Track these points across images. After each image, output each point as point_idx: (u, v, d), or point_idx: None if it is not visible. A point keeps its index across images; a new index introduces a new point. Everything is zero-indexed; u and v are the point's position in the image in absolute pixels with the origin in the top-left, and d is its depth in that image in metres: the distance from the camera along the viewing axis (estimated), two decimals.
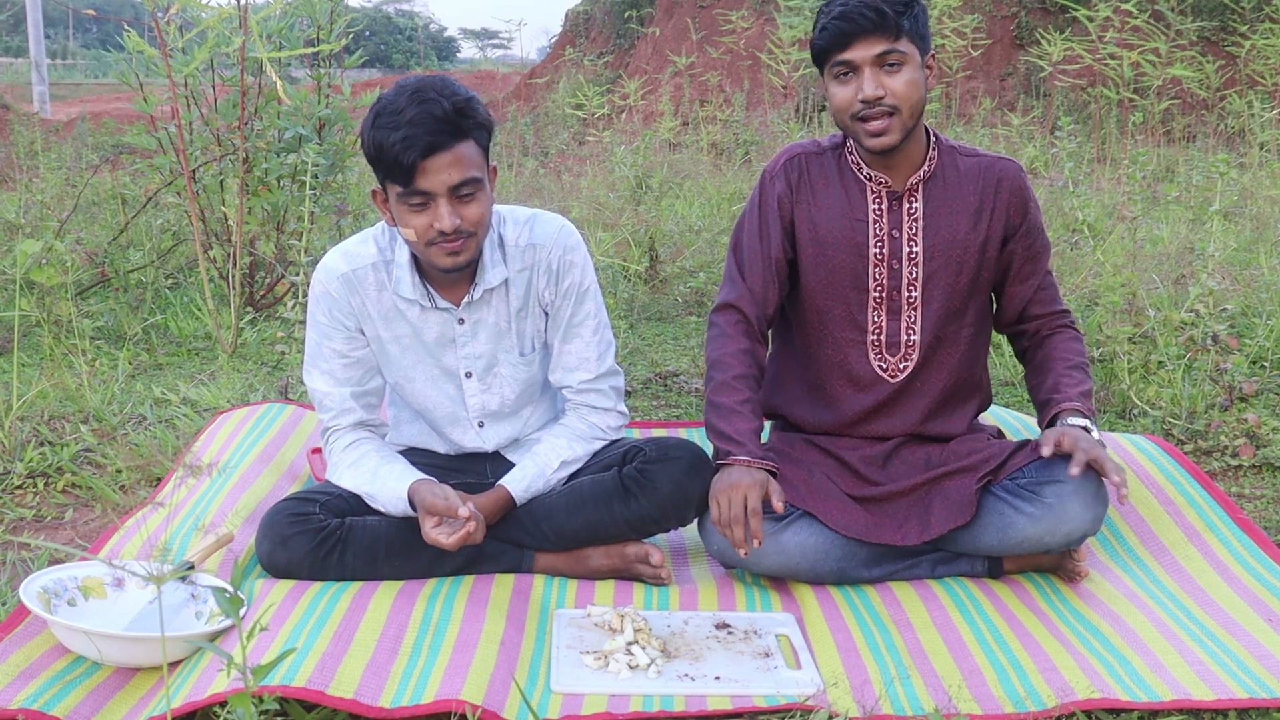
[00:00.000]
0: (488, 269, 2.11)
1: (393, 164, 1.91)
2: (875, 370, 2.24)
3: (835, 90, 2.10)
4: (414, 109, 1.89)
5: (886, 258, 2.19)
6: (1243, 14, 10.62)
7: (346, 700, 1.62)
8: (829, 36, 2.05)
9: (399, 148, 1.88)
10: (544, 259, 2.15)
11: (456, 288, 2.13)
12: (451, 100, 1.91)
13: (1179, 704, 1.70)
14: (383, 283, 2.12)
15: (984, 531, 2.10)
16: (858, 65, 2.05)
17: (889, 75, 2.04)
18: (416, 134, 1.88)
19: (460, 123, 1.92)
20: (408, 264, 2.10)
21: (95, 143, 8.34)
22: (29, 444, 2.77)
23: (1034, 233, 2.21)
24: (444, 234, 1.95)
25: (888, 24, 2.02)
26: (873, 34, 2.02)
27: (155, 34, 3.88)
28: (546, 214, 2.19)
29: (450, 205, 1.94)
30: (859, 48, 2.04)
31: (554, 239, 2.15)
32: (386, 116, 1.91)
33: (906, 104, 2.05)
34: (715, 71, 12.27)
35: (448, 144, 1.90)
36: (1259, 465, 2.80)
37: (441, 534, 1.98)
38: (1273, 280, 4.35)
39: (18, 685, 1.69)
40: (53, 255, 3.81)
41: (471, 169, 1.94)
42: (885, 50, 2.03)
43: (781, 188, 2.23)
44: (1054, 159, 7.26)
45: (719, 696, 1.74)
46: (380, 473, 2.09)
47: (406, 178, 1.92)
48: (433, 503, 1.98)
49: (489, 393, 2.22)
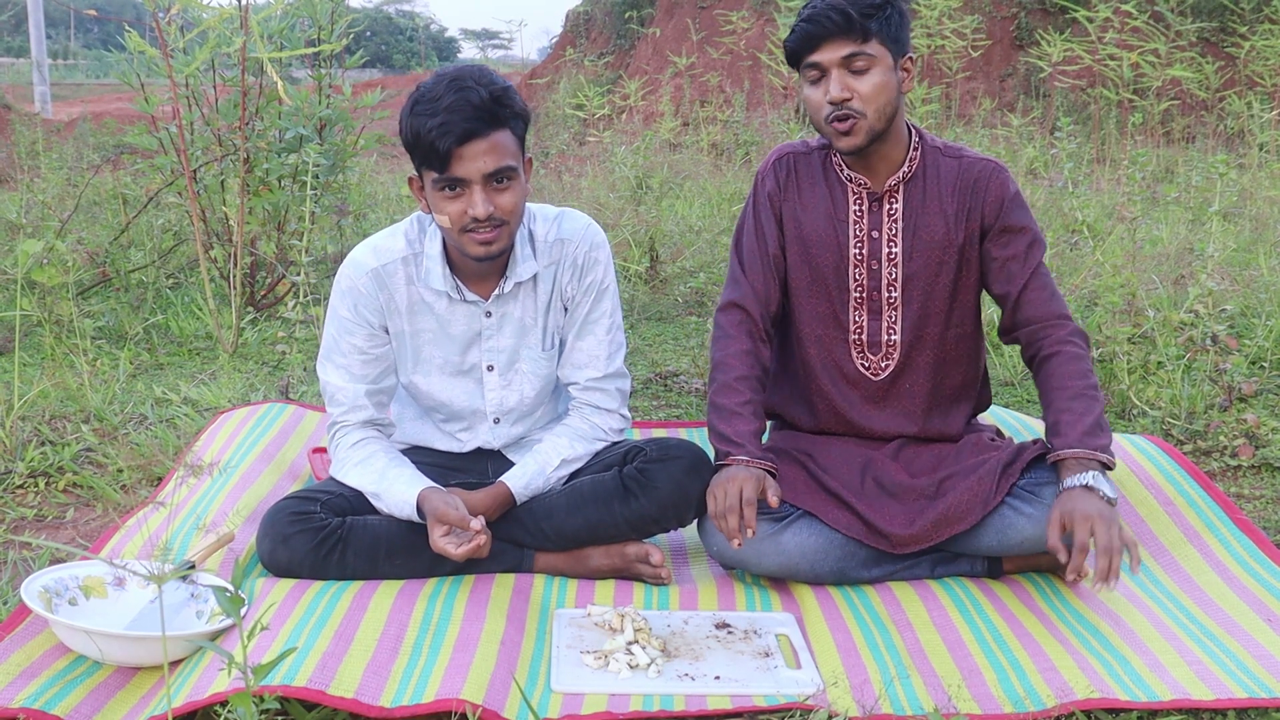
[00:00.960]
0: (519, 262, 2.12)
1: (429, 150, 1.92)
2: (859, 369, 2.25)
3: (808, 92, 2.11)
4: (451, 96, 1.91)
5: (866, 258, 2.20)
6: (1242, 15, 10.62)
7: (347, 700, 1.62)
8: (797, 39, 2.07)
9: (435, 134, 1.90)
10: (570, 254, 2.17)
11: (485, 281, 2.14)
12: (489, 89, 1.93)
13: (1178, 704, 1.70)
14: (411, 276, 2.14)
15: (983, 532, 2.10)
16: (825, 67, 2.06)
17: (855, 78, 2.05)
18: (453, 120, 1.90)
19: (497, 111, 1.93)
20: (439, 255, 2.11)
21: (96, 143, 8.34)
22: (30, 443, 2.77)
23: (1011, 231, 2.17)
24: (478, 221, 1.96)
25: (854, 27, 2.02)
26: (839, 36, 2.03)
27: (156, 34, 3.89)
28: (574, 211, 2.22)
29: (485, 193, 1.95)
30: (826, 50, 2.05)
31: (581, 235, 2.18)
32: (424, 104, 1.93)
33: (872, 106, 2.06)
34: (715, 72, 12.27)
35: (484, 131, 1.92)
36: (1258, 465, 2.80)
37: (450, 544, 1.98)
38: (1272, 281, 4.36)
39: (19, 684, 1.69)
40: (54, 255, 3.81)
41: (507, 157, 1.96)
42: (852, 53, 2.04)
43: (771, 185, 2.25)
44: (1054, 160, 7.26)
45: (719, 696, 1.74)
46: (389, 474, 2.09)
47: (442, 164, 1.93)
48: (445, 512, 1.98)
49: (509, 388, 2.23)
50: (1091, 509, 1.92)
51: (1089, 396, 2.07)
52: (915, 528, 2.10)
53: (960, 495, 2.10)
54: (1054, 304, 2.17)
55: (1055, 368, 2.12)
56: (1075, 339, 2.14)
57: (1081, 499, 1.94)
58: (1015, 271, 2.18)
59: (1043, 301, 2.17)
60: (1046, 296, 2.17)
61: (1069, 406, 2.06)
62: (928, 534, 2.10)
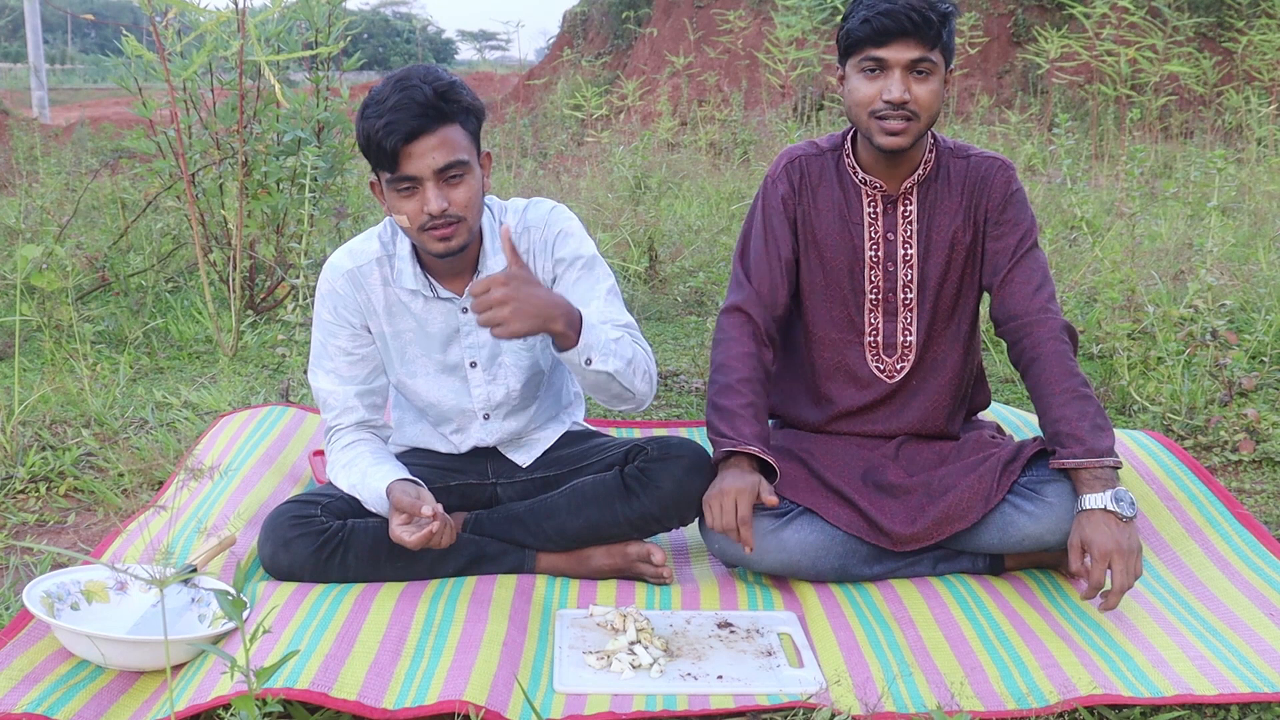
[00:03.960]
0: (489, 256, 2.12)
1: (379, 150, 1.94)
2: (873, 371, 2.25)
3: (859, 83, 2.08)
4: (396, 95, 1.92)
5: (882, 260, 2.20)
6: (1239, 10, 10.62)
7: (350, 702, 1.62)
8: (869, 30, 2.03)
9: (382, 134, 1.92)
10: (538, 238, 2.16)
11: (459, 278, 2.14)
12: (433, 85, 1.94)
13: (1181, 699, 1.70)
14: (387, 277, 2.14)
15: (985, 530, 2.10)
16: (890, 65, 2.03)
17: (918, 82, 2.04)
18: (399, 119, 1.91)
19: (443, 107, 1.94)
20: (409, 255, 2.11)
21: (95, 147, 8.34)
22: (31, 448, 2.78)
23: (1005, 224, 2.17)
24: (433, 217, 1.96)
25: (929, 31, 2.01)
26: (912, 37, 2.01)
27: (154, 38, 3.89)
28: (540, 199, 2.21)
29: (437, 188, 1.95)
30: (895, 48, 2.02)
31: (545, 219, 2.16)
32: (372, 106, 1.95)
33: (927, 113, 2.06)
34: (713, 71, 12.28)
35: (430, 128, 1.93)
36: (1259, 460, 2.80)
37: (406, 532, 1.96)
38: (1271, 275, 4.36)
39: (22, 689, 1.69)
40: (53, 260, 3.81)
41: (458, 151, 1.96)
42: (920, 57, 2.02)
43: (785, 189, 2.23)
44: (1052, 156, 7.26)
45: (722, 695, 1.74)
46: (369, 473, 2.09)
47: (392, 163, 1.94)
48: (399, 499, 1.98)
49: (494, 383, 2.23)
50: (1110, 543, 1.90)
51: (1082, 395, 2.05)
52: (917, 526, 2.10)
53: (961, 493, 2.10)
54: (1038, 296, 2.13)
55: (1042, 370, 2.08)
56: (1059, 336, 2.10)
57: (1102, 526, 1.92)
58: (1001, 264, 2.17)
59: (1026, 295, 2.13)
60: (1030, 289, 2.14)
61: (1064, 413, 2.04)
62: (929, 532, 2.10)
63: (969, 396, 2.36)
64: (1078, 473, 2.00)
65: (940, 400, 2.27)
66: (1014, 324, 2.14)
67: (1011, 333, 2.15)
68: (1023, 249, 2.16)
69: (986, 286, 2.21)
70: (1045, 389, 2.07)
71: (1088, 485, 1.97)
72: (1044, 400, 2.07)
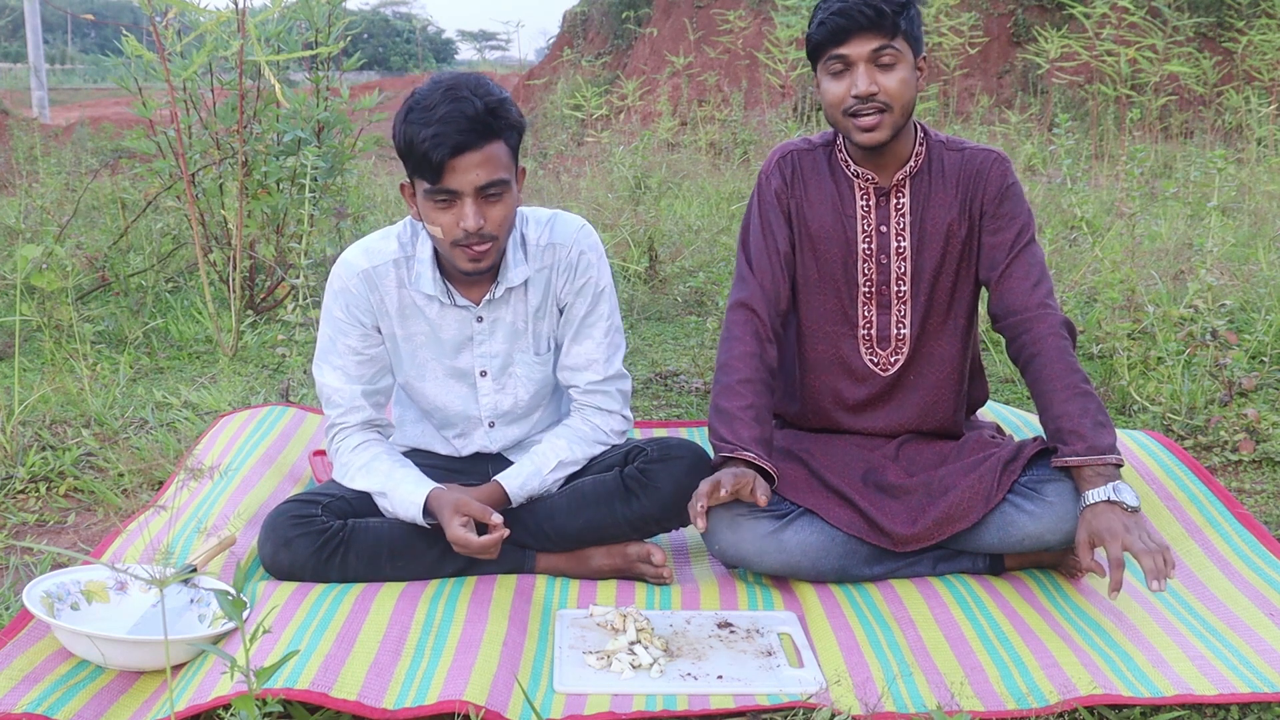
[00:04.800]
0: (510, 267, 2.12)
1: (422, 160, 1.91)
2: (867, 364, 2.26)
3: (828, 85, 2.11)
4: (446, 106, 1.89)
5: (875, 253, 2.21)
6: (1239, 9, 10.62)
7: (350, 702, 1.62)
8: (826, 31, 2.07)
9: (429, 145, 1.89)
10: (563, 257, 2.16)
11: (477, 286, 2.14)
12: (484, 100, 1.92)
13: (1181, 699, 1.70)
14: (403, 279, 2.13)
15: (985, 530, 2.10)
16: (853, 61, 2.06)
17: (883, 73, 2.06)
18: (447, 132, 1.89)
19: (492, 123, 1.92)
20: (430, 260, 2.11)
21: (95, 147, 8.34)
22: (31, 448, 2.78)
23: (1002, 218, 2.17)
24: (468, 234, 1.96)
25: (885, 22, 2.03)
26: (869, 31, 2.04)
27: (154, 38, 3.89)
28: (567, 214, 2.21)
29: (476, 205, 1.95)
30: (855, 43, 2.05)
31: (573, 238, 2.16)
32: (419, 112, 1.92)
33: (898, 102, 2.07)
34: (713, 71, 12.27)
35: (477, 144, 1.91)
36: (1259, 460, 2.80)
37: (470, 533, 2.00)
38: (1271, 275, 4.36)
39: (21, 690, 1.69)
40: (53, 260, 3.81)
41: (500, 170, 1.95)
42: (880, 47, 2.05)
43: (778, 183, 2.25)
44: (1052, 156, 7.26)
45: (722, 695, 1.74)
46: (395, 475, 2.10)
47: (435, 175, 1.92)
48: (466, 503, 2.01)
49: (503, 393, 2.23)
50: (1118, 524, 1.89)
51: (1082, 392, 2.04)
52: (917, 526, 2.10)
53: (961, 493, 2.10)
54: (1036, 291, 2.13)
55: (1043, 366, 2.07)
56: (1059, 331, 2.09)
57: (1105, 516, 1.92)
58: (999, 259, 2.17)
59: (1024, 290, 2.13)
60: (1029, 285, 2.13)
61: (1066, 410, 2.03)
62: (930, 533, 2.10)
63: (973, 392, 2.36)
64: (1080, 470, 1.99)
65: (938, 395, 2.27)
66: (1013, 319, 2.14)
67: (1010, 328, 2.14)
68: (1020, 243, 2.16)
69: (984, 281, 2.22)
70: (1046, 385, 2.07)
71: (1089, 482, 1.97)
72: (1045, 397, 2.07)
